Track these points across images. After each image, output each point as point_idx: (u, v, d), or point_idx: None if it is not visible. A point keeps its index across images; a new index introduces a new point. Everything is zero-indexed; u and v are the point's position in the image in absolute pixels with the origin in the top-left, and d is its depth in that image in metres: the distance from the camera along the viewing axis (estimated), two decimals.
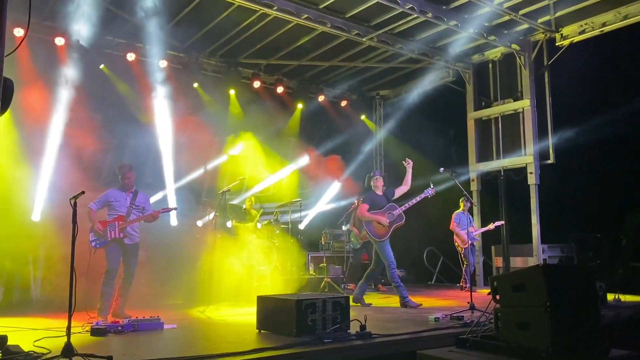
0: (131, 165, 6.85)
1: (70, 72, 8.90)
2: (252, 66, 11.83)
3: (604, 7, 9.28)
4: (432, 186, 8.12)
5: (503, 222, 10.14)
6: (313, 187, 12.65)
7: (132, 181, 6.75)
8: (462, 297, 8.20)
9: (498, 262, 10.63)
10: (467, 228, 9.63)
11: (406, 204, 7.91)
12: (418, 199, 7.97)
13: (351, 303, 6.30)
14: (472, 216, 10.57)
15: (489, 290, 4.32)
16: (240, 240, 8.98)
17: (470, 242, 9.66)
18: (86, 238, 6.36)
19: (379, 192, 8.05)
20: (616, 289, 7.62)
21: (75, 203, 4.34)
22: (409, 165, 8.13)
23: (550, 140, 10.26)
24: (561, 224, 10.20)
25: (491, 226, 10.05)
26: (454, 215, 10.03)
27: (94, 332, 5.17)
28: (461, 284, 10.09)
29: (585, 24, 9.69)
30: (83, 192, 4.40)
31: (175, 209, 7.97)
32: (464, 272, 9.98)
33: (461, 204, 9.98)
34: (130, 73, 10.04)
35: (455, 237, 10.02)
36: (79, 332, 5.14)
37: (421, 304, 7.49)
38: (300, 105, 12.61)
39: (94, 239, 6.45)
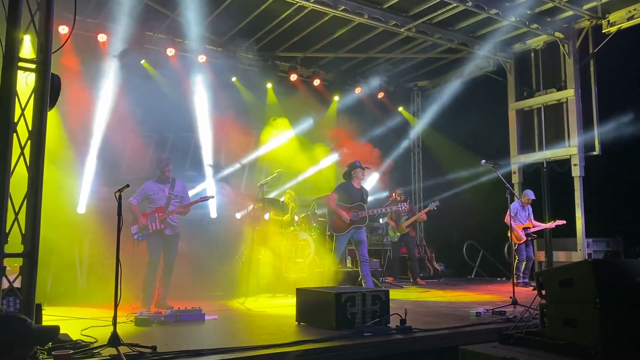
0: (169, 158, 6.91)
1: (112, 67, 9.10)
2: (289, 59, 11.84)
3: None
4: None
5: (565, 221, 9.57)
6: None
7: (170, 174, 6.81)
8: (503, 292, 8.05)
9: (540, 256, 10.37)
10: (524, 222, 9.35)
11: (377, 210, 8.02)
12: (392, 208, 8.36)
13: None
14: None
15: (533, 287, 4.22)
16: (278, 233, 9.03)
17: (526, 237, 9.37)
18: (129, 231, 6.50)
19: (357, 185, 7.81)
20: None
21: (120, 196, 4.43)
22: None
23: (596, 131, 9.92)
24: (606, 218, 9.86)
25: (551, 224, 9.61)
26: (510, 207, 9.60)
27: (138, 322, 5.29)
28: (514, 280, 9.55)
29: (634, 9, 9.30)
30: (128, 186, 4.48)
31: (212, 197, 7.64)
32: (515, 267, 9.55)
33: (522, 198, 9.57)
34: (170, 68, 10.19)
35: (509, 230, 9.44)
36: (124, 322, 5.26)
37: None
38: (336, 98, 12.56)
39: (136, 231, 6.59)
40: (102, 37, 9.34)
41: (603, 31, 9.79)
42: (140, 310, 5.87)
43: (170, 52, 10.16)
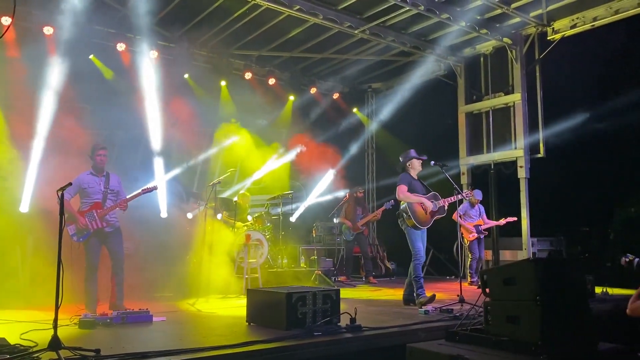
0: (105, 146, 6.47)
1: (58, 62, 8.78)
2: (244, 58, 11.74)
3: (596, 2, 9.32)
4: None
5: (515, 218, 9.84)
6: (304, 179, 12.63)
7: (105, 162, 6.40)
8: (452, 290, 8.23)
9: (488, 255, 10.67)
10: (476, 220, 9.58)
11: (452, 197, 6.91)
12: (453, 198, 7.12)
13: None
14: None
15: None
16: (231, 233, 8.95)
17: (477, 234, 9.58)
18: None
19: (415, 176, 6.93)
20: (604, 282, 7.68)
21: (62, 195, 4.28)
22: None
23: (541, 134, 10.29)
24: (551, 218, 10.25)
25: (502, 221, 9.81)
26: (459, 207, 9.55)
27: (82, 324, 5.13)
28: (468, 279, 9.64)
29: (577, 18, 9.70)
30: (70, 184, 4.36)
31: (155, 188, 6.76)
32: (467, 265, 9.72)
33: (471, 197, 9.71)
34: (120, 63, 9.93)
35: (461, 228, 9.55)
36: (67, 325, 5.10)
37: (434, 295, 6.61)
38: (292, 98, 12.56)
39: (74, 232, 6.12)
40: (48, 30, 9.02)
41: (548, 38, 10.17)
42: (84, 312, 5.68)
43: (121, 47, 9.90)
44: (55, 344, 3.79)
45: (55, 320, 3.97)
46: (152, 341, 4.56)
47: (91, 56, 9.72)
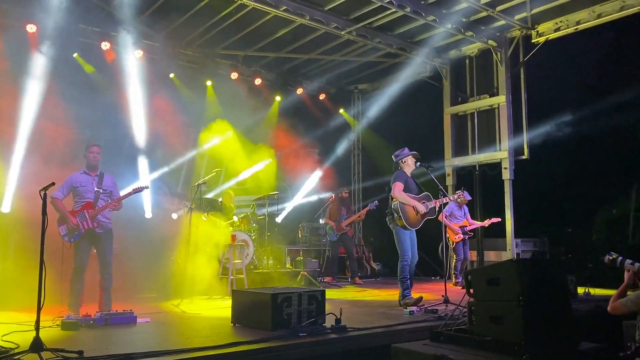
0: (99, 145, 6.37)
1: (42, 60, 8.68)
2: (230, 57, 11.70)
3: (579, 6, 9.42)
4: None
5: (500, 219, 9.90)
6: (290, 180, 12.62)
7: (99, 160, 6.30)
8: (437, 291, 8.27)
9: (472, 256, 10.74)
10: (461, 221, 9.63)
11: (444, 199, 6.93)
12: (452, 197, 7.44)
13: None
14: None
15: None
16: (216, 234, 8.91)
17: (463, 235, 9.64)
18: (56, 230, 6.06)
19: (409, 174, 6.88)
20: (586, 282, 7.78)
21: (45, 195, 4.24)
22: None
23: (525, 136, 10.39)
24: (535, 219, 10.36)
25: (486, 222, 9.86)
26: (445, 207, 9.55)
27: (65, 326, 5.06)
28: (453, 280, 9.71)
29: (561, 21, 9.82)
30: (53, 184, 4.30)
31: (146, 187, 6.74)
32: (452, 266, 9.75)
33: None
34: (105, 62, 9.84)
35: (447, 229, 9.55)
36: (49, 327, 5.04)
37: (422, 297, 6.60)
38: (278, 98, 12.54)
39: (66, 232, 6.05)
40: (31, 28, 8.92)
41: (532, 41, 10.27)
42: (67, 313, 5.62)
43: (105, 45, 9.82)
44: (37, 345, 3.75)
45: (38, 321, 3.92)
46: (136, 342, 4.52)
47: (75, 54, 9.62)
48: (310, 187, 12.67)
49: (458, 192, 7.98)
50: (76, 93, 8.73)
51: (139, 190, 6.56)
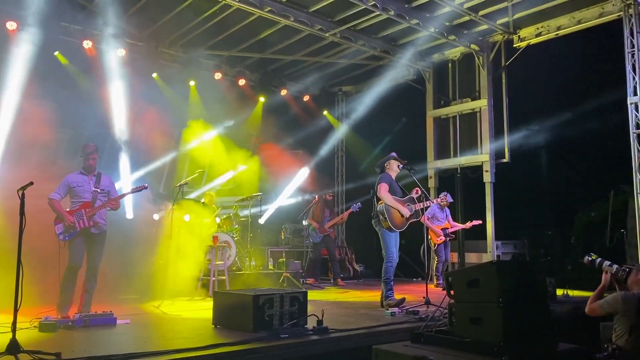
0: (96, 147, 6.34)
1: (21, 58, 8.55)
2: (214, 58, 11.64)
3: (560, 12, 9.56)
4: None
5: (481, 221, 9.98)
6: (273, 181, 12.59)
7: (96, 163, 6.26)
8: (418, 292, 8.32)
9: (453, 257, 10.82)
10: (443, 223, 9.67)
11: (429, 201, 7.10)
12: (436, 201, 8.00)
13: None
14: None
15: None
16: (198, 235, 8.86)
17: (444, 237, 9.68)
18: (46, 232, 5.96)
19: (393, 177, 6.95)
20: (565, 284, 7.88)
21: (23, 194, 4.17)
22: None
23: (506, 140, 10.50)
24: (515, 222, 10.48)
25: (468, 224, 9.92)
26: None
27: (43, 327, 4.99)
28: (434, 281, 9.66)
29: (542, 27, 9.96)
30: (31, 183, 4.24)
31: (145, 187, 6.71)
32: (434, 268, 9.76)
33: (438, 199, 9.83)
34: (87, 61, 9.72)
35: (429, 231, 9.59)
36: (27, 328, 4.96)
37: (404, 298, 6.66)
38: (262, 99, 12.51)
39: (62, 231, 5.95)
40: (11, 25, 8.78)
41: (514, 45, 10.41)
42: (45, 315, 5.53)
43: (87, 44, 9.71)
44: (13, 347, 3.70)
45: (14, 323, 3.87)
46: (115, 344, 4.48)
47: (56, 53, 9.49)
48: (293, 188, 12.66)
49: (441, 195, 8.07)
50: (57, 91, 8.61)
51: (139, 189, 6.57)
